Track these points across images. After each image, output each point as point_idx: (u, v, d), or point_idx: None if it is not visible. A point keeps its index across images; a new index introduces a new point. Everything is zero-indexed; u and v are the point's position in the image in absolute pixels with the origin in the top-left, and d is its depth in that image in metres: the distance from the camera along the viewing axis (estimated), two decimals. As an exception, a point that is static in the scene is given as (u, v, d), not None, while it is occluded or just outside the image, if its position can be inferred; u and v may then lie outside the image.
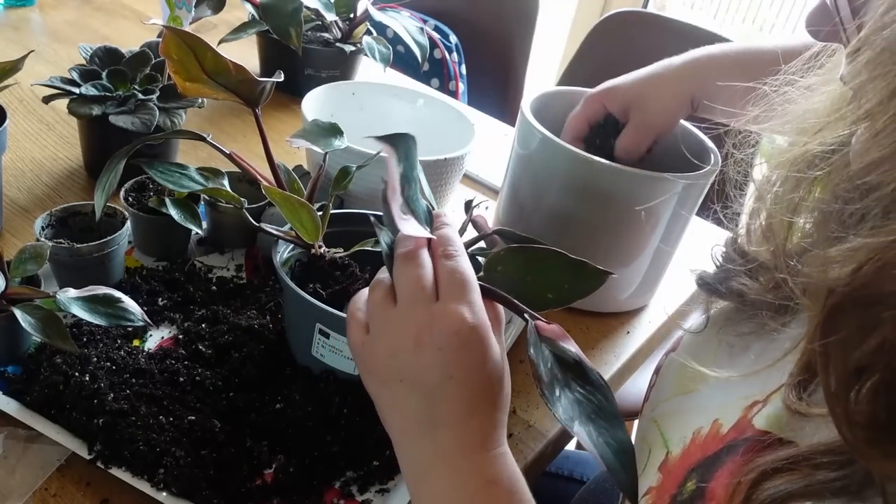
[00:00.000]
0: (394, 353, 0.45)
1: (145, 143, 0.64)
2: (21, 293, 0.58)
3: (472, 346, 0.44)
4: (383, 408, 0.47)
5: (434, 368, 0.43)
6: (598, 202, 0.72)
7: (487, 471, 0.44)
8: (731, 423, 0.43)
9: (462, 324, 0.43)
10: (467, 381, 0.44)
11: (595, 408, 0.44)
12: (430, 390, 0.44)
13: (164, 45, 0.55)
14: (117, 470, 0.53)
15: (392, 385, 0.45)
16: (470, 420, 0.44)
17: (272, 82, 0.59)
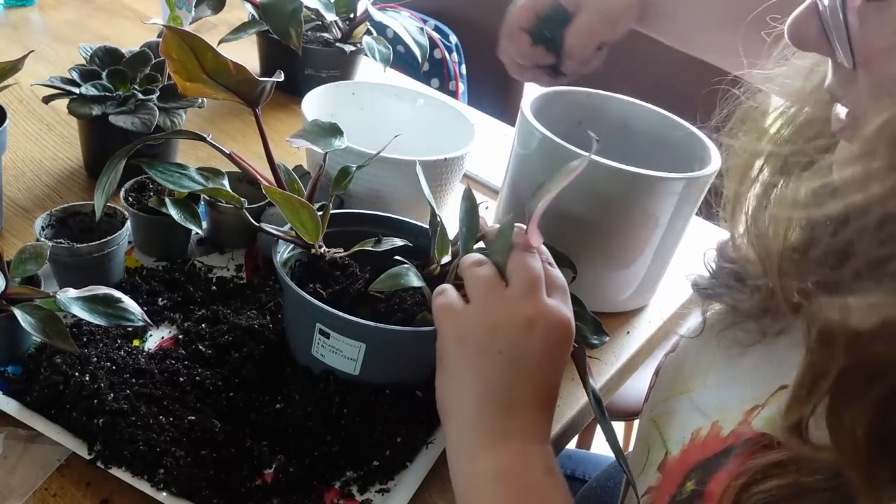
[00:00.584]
0: (501, 324, 0.47)
1: (145, 143, 0.64)
2: (21, 293, 0.58)
3: (567, 345, 0.49)
4: (465, 374, 0.48)
5: (536, 353, 0.47)
6: (598, 202, 0.72)
7: (547, 459, 0.47)
8: (731, 426, 0.43)
9: (568, 324, 0.49)
10: (553, 375, 0.49)
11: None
12: (526, 371, 0.47)
13: (164, 45, 0.55)
14: (117, 470, 0.53)
15: (489, 354, 0.47)
16: (542, 410, 0.49)
17: (272, 82, 0.59)
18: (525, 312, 0.47)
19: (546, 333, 0.47)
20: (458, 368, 0.48)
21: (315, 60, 1.09)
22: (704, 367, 0.50)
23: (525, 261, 0.50)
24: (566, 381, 0.70)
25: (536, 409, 0.48)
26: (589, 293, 0.79)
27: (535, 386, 0.48)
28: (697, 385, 0.49)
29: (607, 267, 0.77)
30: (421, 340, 0.59)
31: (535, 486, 0.45)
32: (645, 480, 0.50)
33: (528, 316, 0.47)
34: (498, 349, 0.47)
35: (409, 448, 0.59)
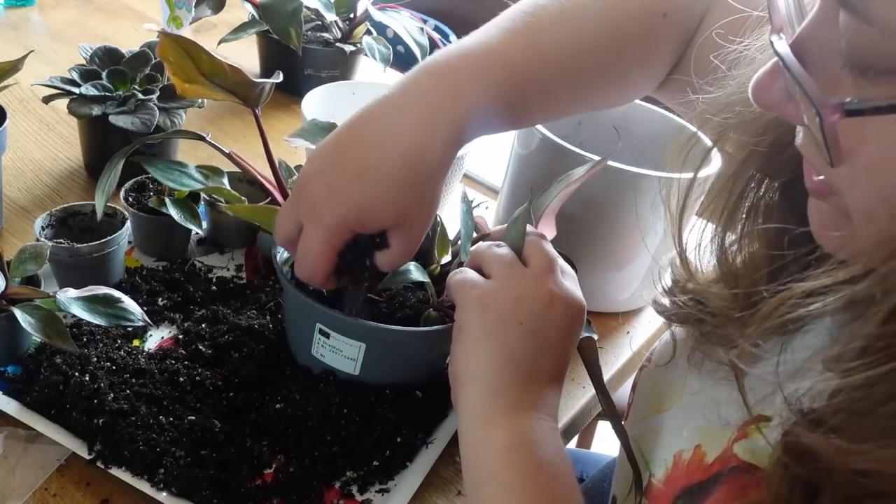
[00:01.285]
0: (522, 298, 0.48)
1: (145, 142, 0.64)
2: (21, 293, 0.58)
3: (580, 325, 0.51)
4: (485, 344, 0.48)
5: (556, 327, 0.49)
6: (598, 202, 0.72)
7: (557, 439, 0.48)
8: (715, 452, 0.43)
9: (583, 305, 0.51)
10: (568, 352, 0.50)
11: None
12: (546, 344, 0.48)
13: (161, 49, 0.55)
14: (117, 470, 0.53)
15: (510, 325, 0.48)
16: (554, 387, 0.50)
17: (271, 83, 0.60)
18: (545, 288, 0.49)
19: (565, 310, 0.49)
20: (480, 337, 0.48)
21: (315, 60, 1.09)
22: (679, 385, 0.50)
23: (541, 244, 0.52)
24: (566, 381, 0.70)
25: (549, 384, 0.49)
26: (589, 293, 0.78)
27: (554, 360, 0.49)
28: (674, 403, 0.49)
29: (607, 267, 0.77)
30: (421, 341, 0.59)
31: (547, 462, 0.45)
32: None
33: (549, 292, 0.49)
34: (519, 320, 0.48)
35: (409, 448, 0.59)
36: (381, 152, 0.48)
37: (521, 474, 0.45)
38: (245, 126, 1.01)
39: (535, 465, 0.45)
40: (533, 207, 0.57)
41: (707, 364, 0.47)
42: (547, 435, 0.47)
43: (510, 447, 0.45)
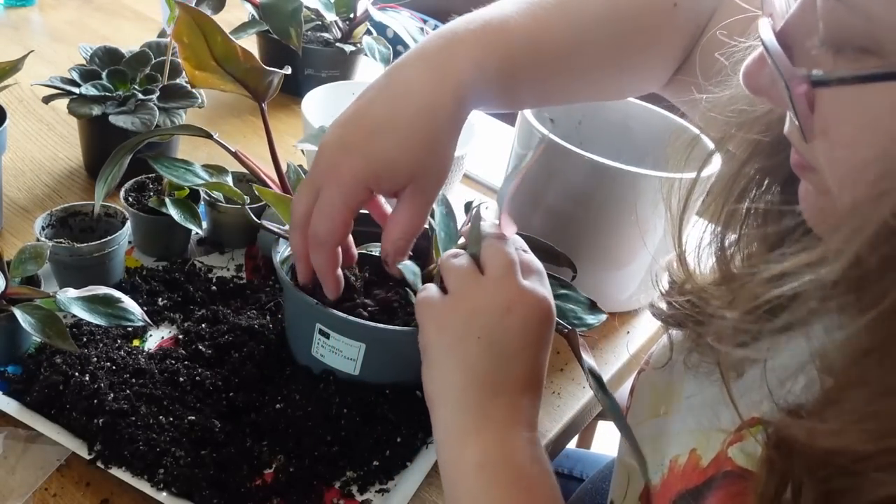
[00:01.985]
0: (479, 311, 0.47)
1: (149, 139, 0.64)
2: (21, 293, 0.58)
3: (547, 327, 0.48)
4: (447, 363, 0.48)
5: (515, 336, 0.47)
6: (598, 202, 0.72)
7: (533, 448, 0.46)
8: (709, 455, 0.43)
9: (547, 304, 0.48)
10: (534, 358, 0.48)
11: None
12: (506, 355, 0.47)
13: (177, 28, 0.55)
14: (117, 470, 0.53)
15: (468, 341, 0.47)
16: (525, 395, 0.47)
17: (280, 75, 0.60)
18: (502, 296, 0.47)
19: (525, 315, 0.47)
20: (440, 358, 0.48)
21: (315, 60, 1.09)
22: (676, 389, 0.49)
23: (497, 246, 0.49)
24: (566, 381, 0.70)
25: (520, 394, 0.47)
26: (589, 293, 0.79)
27: (518, 370, 0.47)
28: (671, 408, 0.49)
29: (607, 267, 0.77)
30: (421, 340, 0.59)
31: (521, 475, 0.45)
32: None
33: (506, 299, 0.47)
34: (476, 335, 0.46)
35: (409, 448, 0.59)
36: (394, 110, 0.49)
37: (493, 491, 0.44)
38: (245, 126, 1.01)
39: (508, 481, 0.44)
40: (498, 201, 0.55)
41: (703, 367, 0.47)
42: (520, 447, 0.46)
43: (482, 464, 0.45)
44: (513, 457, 0.45)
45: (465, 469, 0.45)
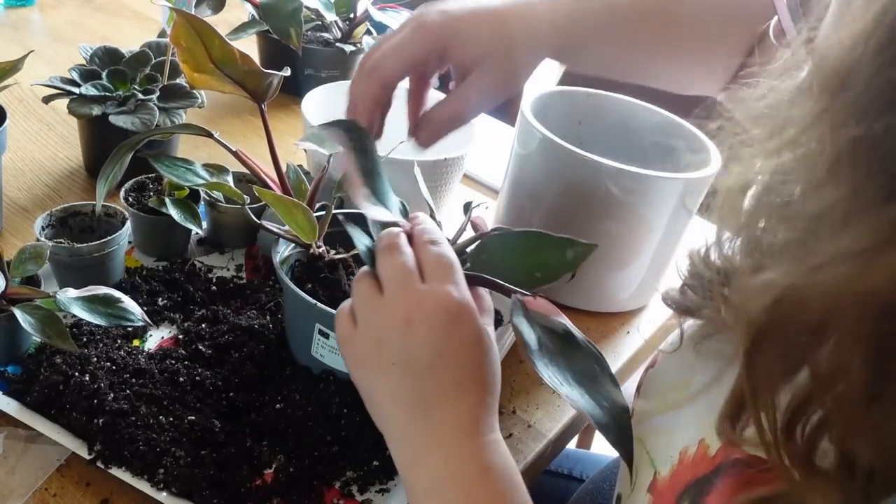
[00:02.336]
0: (384, 337, 0.45)
1: (150, 138, 0.64)
2: (21, 293, 0.58)
3: (460, 323, 0.45)
4: (375, 397, 0.47)
5: (425, 347, 0.44)
6: (598, 202, 0.72)
7: (482, 457, 0.44)
8: (717, 444, 0.42)
9: (450, 301, 0.44)
10: (457, 360, 0.45)
11: (587, 371, 0.46)
12: (423, 370, 0.44)
13: (174, 32, 0.55)
14: (117, 470, 0.53)
15: (384, 370, 0.45)
16: (462, 401, 0.45)
17: (280, 77, 0.60)
18: (399, 313, 0.45)
19: (427, 323, 0.44)
20: (370, 393, 0.47)
21: (315, 60, 1.09)
22: (686, 382, 0.49)
23: (385, 261, 0.47)
24: (566, 381, 0.70)
25: (456, 401, 0.45)
26: (589, 293, 0.79)
27: (443, 378, 0.44)
28: (681, 401, 0.48)
29: (607, 267, 0.77)
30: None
31: (470, 490, 0.43)
32: (635, 502, 0.49)
33: (403, 314, 0.45)
34: (390, 361, 0.45)
35: (409, 448, 0.59)
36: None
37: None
38: (245, 126, 1.01)
39: (457, 501, 0.43)
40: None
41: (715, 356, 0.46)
42: (469, 459, 0.44)
43: (429, 489, 0.44)
44: (460, 473, 0.43)
45: (417, 498, 0.45)
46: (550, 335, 0.46)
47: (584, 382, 0.45)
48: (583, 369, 0.46)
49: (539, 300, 0.48)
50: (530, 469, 0.63)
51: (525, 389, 0.68)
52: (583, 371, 0.46)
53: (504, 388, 0.68)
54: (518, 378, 0.69)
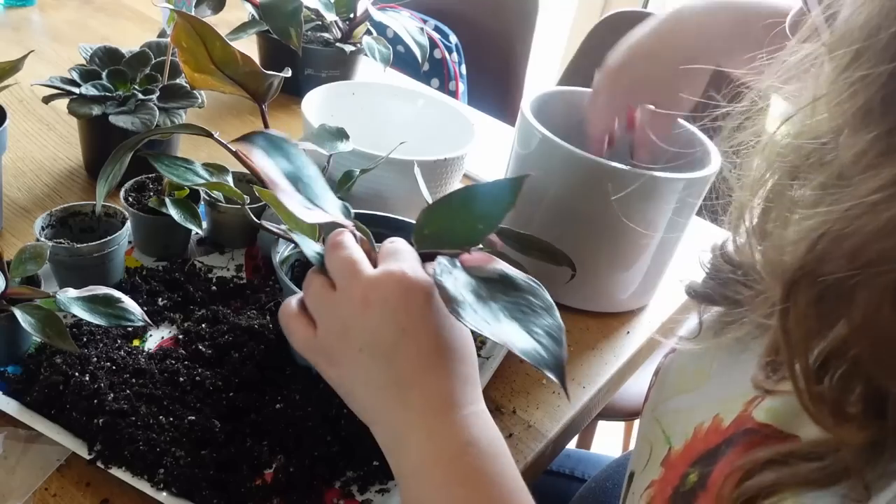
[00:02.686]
0: (345, 325, 0.46)
1: (150, 138, 0.64)
2: (21, 293, 0.58)
3: (415, 295, 0.45)
4: (351, 388, 0.47)
5: (387, 325, 0.44)
6: (599, 202, 0.72)
7: (464, 432, 0.43)
8: (731, 417, 0.43)
9: (403, 277, 0.45)
10: (419, 334, 0.45)
11: (522, 306, 0.45)
12: (389, 349, 0.45)
13: (176, 33, 0.55)
14: (117, 470, 0.53)
15: (353, 359, 0.46)
16: (433, 374, 0.44)
17: (280, 78, 0.60)
18: (355, 298, 0.45)
19: (383, 300, 0.44)
20: (345, 387, 0.47)
21: (315, 60, 1.09)
22: (706, 368, 0.49)
23: (332, 256, 0.48)
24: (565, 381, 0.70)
25: (430, 374, 0.44)
26: (589, 293, 0.79)
27: (409, 356, 0.44)
28: (700, 384, 0.49)
29: (607, 267, 0.77)
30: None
31: (452, 468, 0.42)
32: (648, 475, 0.49)
33: (360, 298, 0.45)
34: (357, 348, 0.45)
35: (409, 448, 0.59)
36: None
37: (429, 494, 0.43)
38: (245, 126, 1.01)
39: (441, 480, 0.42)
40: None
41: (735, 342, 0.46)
42: (449, 436, 0.43)
43: (413, 472, 0.44)
44: (441, 452, 0.43)
45: (406, 483, 0.44)
46: (486, 283, 0.46)
47: (516, 317, 0.44)
48: (517, 305, 0.45)
49: (475, 254, 0.48)
50: (530, 469, 0.63)
51: (525, 389, 0.68)
52: (516, 306, 0.45)
53: (504, 388, 0.68)
54: (518, 378, 0.69)
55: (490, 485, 0.42)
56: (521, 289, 0.46)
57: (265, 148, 0.50)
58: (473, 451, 0.43)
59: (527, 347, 0.42)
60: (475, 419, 0.44)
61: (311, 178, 0.51)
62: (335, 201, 0.52)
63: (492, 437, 0.44)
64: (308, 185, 0.50)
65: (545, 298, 0.46)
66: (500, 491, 0.42)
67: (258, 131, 0.52)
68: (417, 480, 0.44)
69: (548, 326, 0.44)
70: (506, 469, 0.43)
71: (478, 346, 0.71)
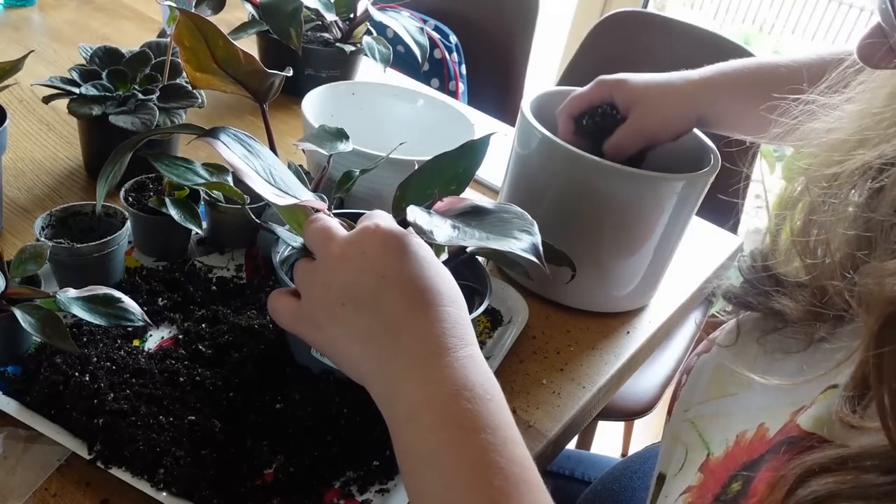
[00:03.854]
0: (325, 286, 0.46)
1: (150, 137, 0.64)
2: (21, 293, 0.58)
3: (392, 243, 0.46)
4: (341, 347, 0.47)
5: (366, 273, 0.45)
6: (598, 202, 0.72)
7: (458, 375, 0.42)
8: (777, 427, 0.42)
9: (377, 228, 0.46)
10: (400, 279, 0.45)
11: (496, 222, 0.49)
12: (371, 297, 0.45)
13: (177, 31, 0.55)
14: (117, 470, 0.53)
15: (338, 316, 0.46)
16: (421, 316, 0.44)
17: (281, 77, 0.60)
18: (334, 256, 0.46)
19: (362, 250, 0.46)
20: (335, 348, 0.47)
21: (315, 60, 1.09)
22: (747, 368, 0.48)
23: (308, 231, 0.50)
24: (566, 381, 0.70)
25: (418, 316, 0.44)
26: (589, 293, 0.79)
27: (394, 301, 0.44)
28: (740, 389, 0.48)
29: (607, 267, 0.77)
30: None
31: (444, 415, 0.41)
32: (684, 480, 0.47)
33: (338, 255, 0.46)
34: (340, 303, 0.46)
35: (409, 448, 0.59)
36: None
37: (424, 440, 0.41)
38: (245, 126, 1.01)
39: (434, 425, 0.41)
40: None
41: (777, 349, 0.46)
42: (441, 380, 0.42)
43: (408, 418, 0.42)
44: (434, 396, 0.42)
45: (397, 432, 0.43)
46: (460, 217, 0.49)
47: (494, 231, 0.48)
48: (491, 224, 0.48)
49: (445, 199, 0.51)
50: (530, 469, 0.63)
51: (525, 389, 0.68)
52: (491, 224, 0.48)
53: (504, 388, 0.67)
54: (518, 378, 0.69)
55: (485, 429, 0.40)
56: (492, 212, 0.49)
57: (228, 142, 0.52)
58: (468, 395, 0.41)
59: (497, 243, 0.46)
60: (469, 362, 0.43)
61: (283, 173, 0.53)
62: (308, 191, 0.54)
63: (485, 382, 0.43)
64: (281, 178, 0.52)
65: (515, 210, 0.49)
66: (495, 436, 0.40)
67: (222, 127, 0.53)
68: (410, 426, 0.42)
69: (520, 226, 0.47)
70: (502, 414, 0.42)
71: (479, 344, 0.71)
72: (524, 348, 0.73)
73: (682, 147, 0.79)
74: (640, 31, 1.46)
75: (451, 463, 0.40)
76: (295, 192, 0.52)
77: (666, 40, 1.43)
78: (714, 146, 0.77)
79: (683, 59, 0.81)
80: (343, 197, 0.76)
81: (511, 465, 0.40)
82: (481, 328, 0.73)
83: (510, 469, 0.39)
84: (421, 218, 0.47)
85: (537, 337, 0.75)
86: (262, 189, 0.49)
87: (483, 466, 0.39)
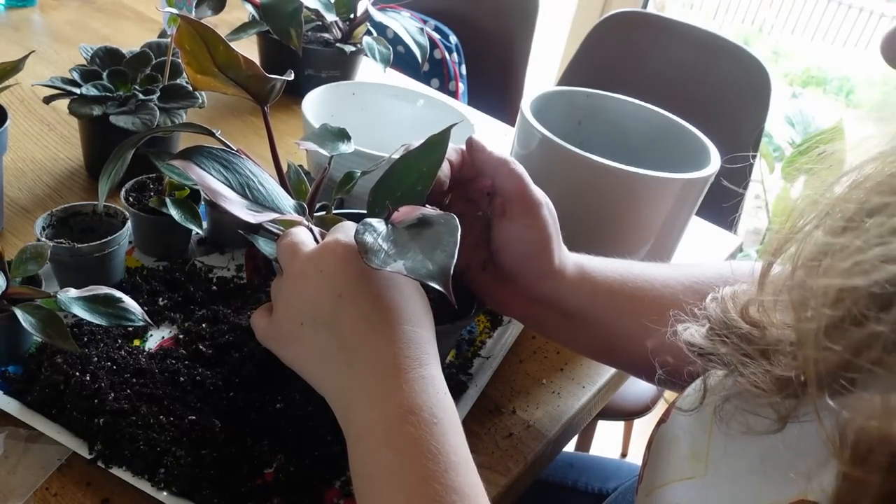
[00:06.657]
0: (288, 304, 0.47)
1: (152, 136, 0.64)
2: (22, 293, 0.58)
3: (351, 260, 0.44)
4: (304, 365, 0.47)
5: (322, 293, 0.44)
6: (598, 202, 0.72)
7: (405, 397, 0.41)
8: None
9: (337, 244, 0.45)
10: (357, 297, 0.44)
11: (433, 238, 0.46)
12: (328, 316, 0.44)
13: (178, 36, 0.55)
14: (118, 469, 0.53)
15: (299, 334, 0.46)
16: (377, 337, 0.43)
17: (282, 81, 0.60)
18: (295, 274, 0.46)
19: (319, 269, 0.45)
20: (298, 364, 0.48)
21: (315, 61, 1.09)
22: (703, 447, 0.42)
23: (279, 245, 0.49)
24: (566, 380, 0.71)
25: (374, 336, 0.43)
26: (589, 293, 0.79)
27: (351, 315, 0.43)
28: (698, 471, 0.42)
29: (607, 267, 0.76)
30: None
31: (387, 439, 0.40)
32: None
33: (298, 273, 0.46)
34: (299, 322, 0.46)
35: (409, 448, 0.59)
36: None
37: (367, 461, 0.41)
38: (245, 126, 1.01)
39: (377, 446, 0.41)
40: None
41: (735, 419, 0.39)
42: (389, 401, 0.41)
43: (355, 439, 0.42)
44: (380, 417, 0.41)
45: (351, 453, 0.43)
46: (407, 229, 0.47)
47: (425, 248, 0.44)
48: (428, 239, 0.45)
49: (402, 209, 0.50)
50: (530, 469, 0.63)
51: (525, 389, 0.68)
52: (428, 240, 0.45)
53: (504, 388, 0.68)
54: (518, 378, 0.70)
55: (426, 455, 0.39)
56: (434, 224, 0.47)
57: (201, 162, 0.52)
58: (413, 419, 0.40)
59: (414, 266, 0.42)
60: (420, 383, 0.42)
61: (261, 184, 0.53)
62: (289, 201, 0.54)
63: (437, 404, 0.41)
64: (258, 191, 0.52)
65: (452, 224, 0.46)
66: (436, 463, 0.39)
67: (197, 147, 0.53)
68: (356, 448, 0.42)
69: (447, 245, 0.43)
70: (448, 438, 0.40)
71: (478, 347, 0.71)
72: (524, 348, 0.73)
73: (683, 147, 0.79)
74: (639, 32, 1.46)
75: (388, 488, 0.39)
76: (274, 204, 0.52)
77: (665, 41, 1.43)
78: (714, 146, 0.77)
79: (683, 59, 0.81)
80: (344, 198, 0.77)
81: (450, 493, 0.38)
82: (481, 328, 0.74)
83: (448, 498, 0.38)
84: (369, 236, 0.45)
85: (537, 337, 0.75)
86: (237, 210, 0.49)
87: (418, 494, 0.38)
